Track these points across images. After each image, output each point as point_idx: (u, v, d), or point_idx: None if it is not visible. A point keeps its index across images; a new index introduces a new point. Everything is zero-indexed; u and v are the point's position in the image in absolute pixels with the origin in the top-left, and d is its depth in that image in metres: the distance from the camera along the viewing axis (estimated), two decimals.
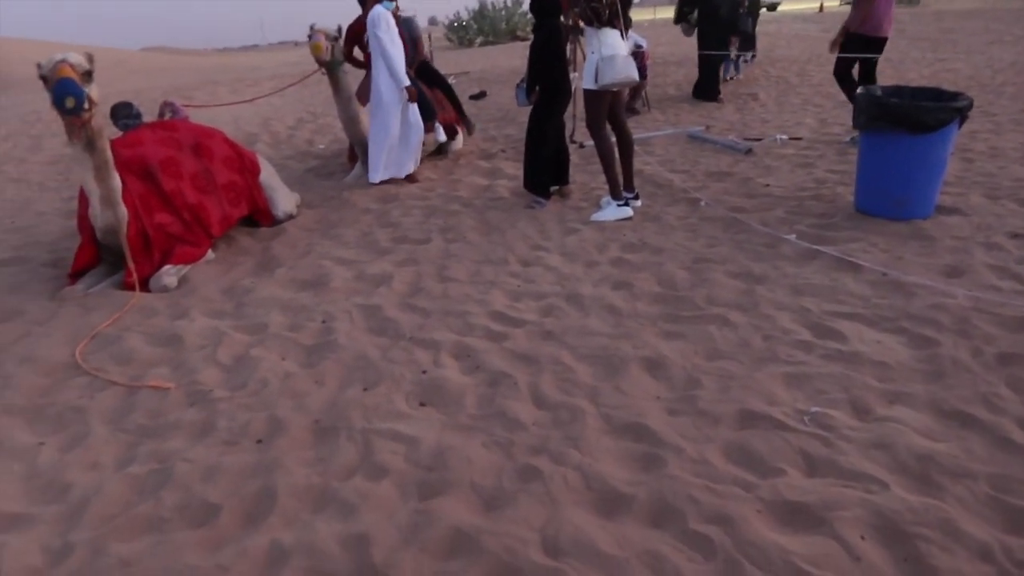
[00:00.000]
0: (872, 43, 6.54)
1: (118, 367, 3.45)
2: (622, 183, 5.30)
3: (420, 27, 7.47)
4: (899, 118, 4.43)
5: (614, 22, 4.87)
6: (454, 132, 7.34)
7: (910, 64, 11.75)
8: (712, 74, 9.77)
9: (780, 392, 2.87)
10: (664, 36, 18.80)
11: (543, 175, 5.65)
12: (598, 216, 5.22)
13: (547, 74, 5.38)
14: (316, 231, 5.40)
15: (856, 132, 5.34)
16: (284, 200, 5.60)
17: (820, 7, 32.39)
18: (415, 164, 6.49)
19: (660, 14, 32.09)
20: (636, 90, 9.27)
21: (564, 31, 5.45)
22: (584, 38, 5.11)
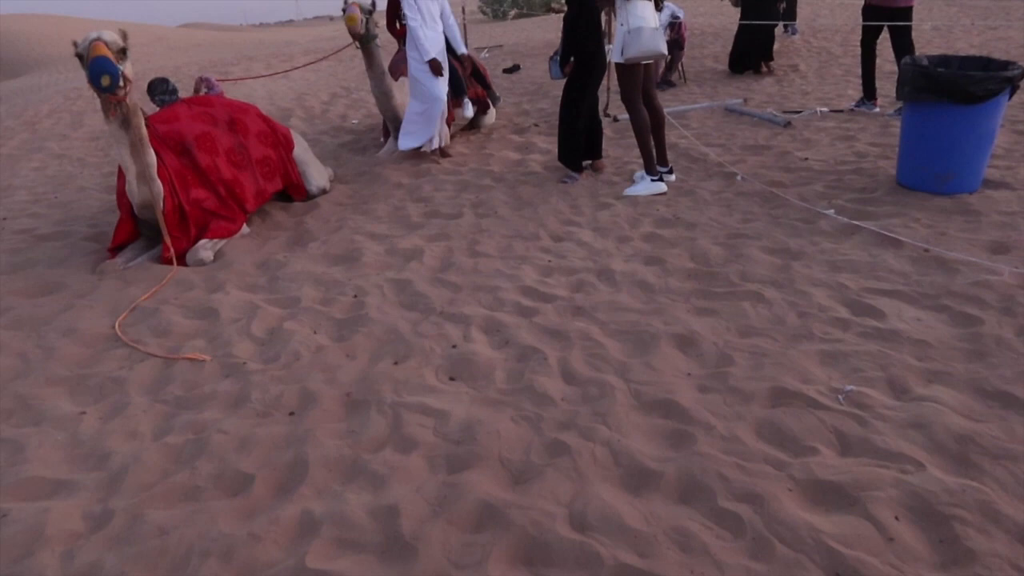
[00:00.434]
0: (897, 13, 6.26)
1: (156, 339, 3.52)
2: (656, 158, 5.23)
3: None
4: (945, 89, 4.27)
5: None
6: (486, 106, 7.28)
7: (959, 32, 11.30)
8: (766, 40, 9.31)
9: (814, 370, 2.81)
10: (702, 6, 18.36)
11: (576, 149, 5.59)
12: (631, 191, 5.16)
13: (581, 47, 5.29)
14: (348, 206, 5.43)
15: (899, 103, 5.16)
16: (317, 175, 5.64)
17: None
18: (442, 139, 6.42)
19: None
20: (672, 62, 9.09)
21: (599, 3, 5.35)
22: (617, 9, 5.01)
